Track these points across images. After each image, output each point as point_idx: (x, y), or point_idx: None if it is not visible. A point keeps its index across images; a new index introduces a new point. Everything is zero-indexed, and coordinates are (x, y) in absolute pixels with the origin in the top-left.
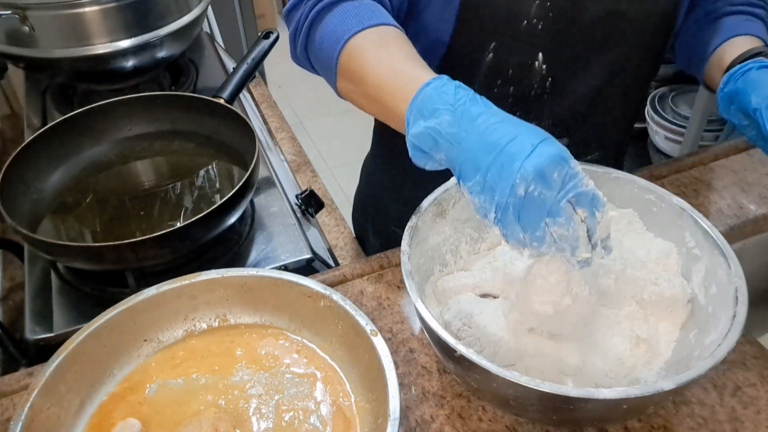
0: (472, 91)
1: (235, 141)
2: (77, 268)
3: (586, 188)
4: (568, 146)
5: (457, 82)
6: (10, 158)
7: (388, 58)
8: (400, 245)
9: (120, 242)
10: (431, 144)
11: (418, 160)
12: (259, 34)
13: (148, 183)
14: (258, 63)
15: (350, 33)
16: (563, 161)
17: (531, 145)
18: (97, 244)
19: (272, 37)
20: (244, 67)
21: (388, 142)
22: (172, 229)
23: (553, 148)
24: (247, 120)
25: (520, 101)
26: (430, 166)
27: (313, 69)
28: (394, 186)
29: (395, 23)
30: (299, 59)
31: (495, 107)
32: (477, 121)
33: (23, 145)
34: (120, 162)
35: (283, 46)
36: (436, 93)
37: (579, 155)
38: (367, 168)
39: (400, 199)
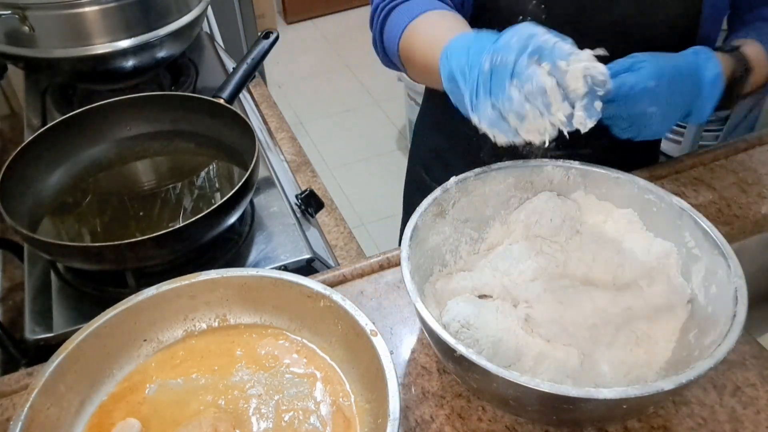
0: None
1: (235, 141)
2: (77, 268)
3: (544, 42)
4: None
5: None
6: (10, 158)
7: (433, 26)
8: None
9: (120, 242)
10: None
11: (451, 94)
12: (259, 34)
13: (147, 183)
14: (258, 63)
15: (400, 29)
16: (525, 28)
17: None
18: (96, 244)
19: (272, 37)
20: (244, 67)
21: (437, 102)
22: (171, 229)
23: (521, 25)
24: (247, 120)
25: None
26: (456, 99)
27: (399, 68)
28: (438, 147)
29: (446, 7)
30: (388, 65)
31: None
32: (487, 36)
33: (23, 145)
34: (120, 162)
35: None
36: (478, 34)
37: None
38: (416, 126)
39: (442, 159)
